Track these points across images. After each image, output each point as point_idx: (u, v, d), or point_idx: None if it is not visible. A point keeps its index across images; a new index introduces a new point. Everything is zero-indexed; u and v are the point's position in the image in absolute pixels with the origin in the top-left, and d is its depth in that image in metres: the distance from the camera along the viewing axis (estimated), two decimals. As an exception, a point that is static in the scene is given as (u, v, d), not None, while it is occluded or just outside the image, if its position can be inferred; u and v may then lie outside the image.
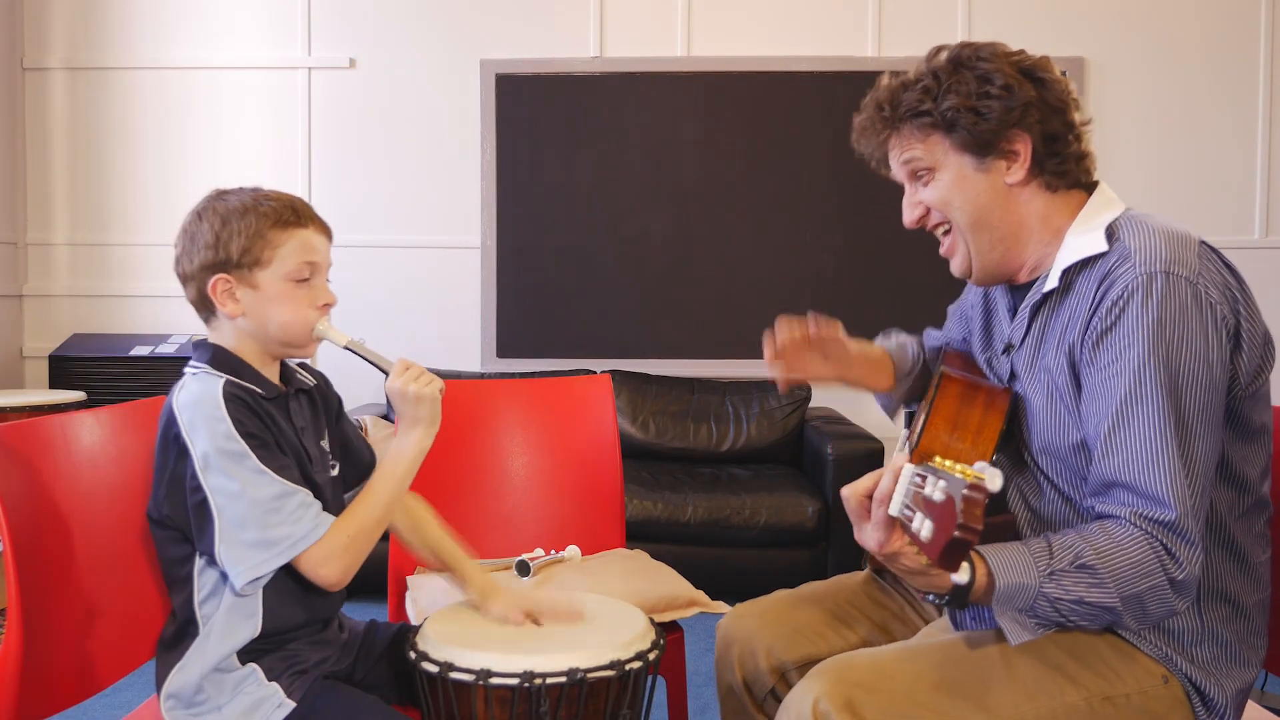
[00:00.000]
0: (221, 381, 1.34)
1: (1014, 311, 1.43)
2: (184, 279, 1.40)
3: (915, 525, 1.04)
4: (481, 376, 4.05)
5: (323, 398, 1.56)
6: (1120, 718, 1.24)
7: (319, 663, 1.45)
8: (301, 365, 1.55)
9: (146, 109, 4.30)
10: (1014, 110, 1.28)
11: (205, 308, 1.41)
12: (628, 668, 1.36)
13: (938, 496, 1.00)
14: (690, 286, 4.26)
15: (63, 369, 3.98)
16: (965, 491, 0.97)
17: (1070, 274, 1.30)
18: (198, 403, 1.32)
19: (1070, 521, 1.31)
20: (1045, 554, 1.18)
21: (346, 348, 1.44)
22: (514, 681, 1.30)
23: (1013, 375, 1.39)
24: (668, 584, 1.96)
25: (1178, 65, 4.18)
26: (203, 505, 1.30)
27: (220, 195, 1.40)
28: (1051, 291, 1.32)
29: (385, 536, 1.98)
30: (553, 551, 2.06)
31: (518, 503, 2.20)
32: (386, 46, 4.27)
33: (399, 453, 1.43)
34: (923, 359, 1.74)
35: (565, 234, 4.25)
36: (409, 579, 2.02)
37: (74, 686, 1.48)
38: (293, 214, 1.40)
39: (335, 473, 1.53)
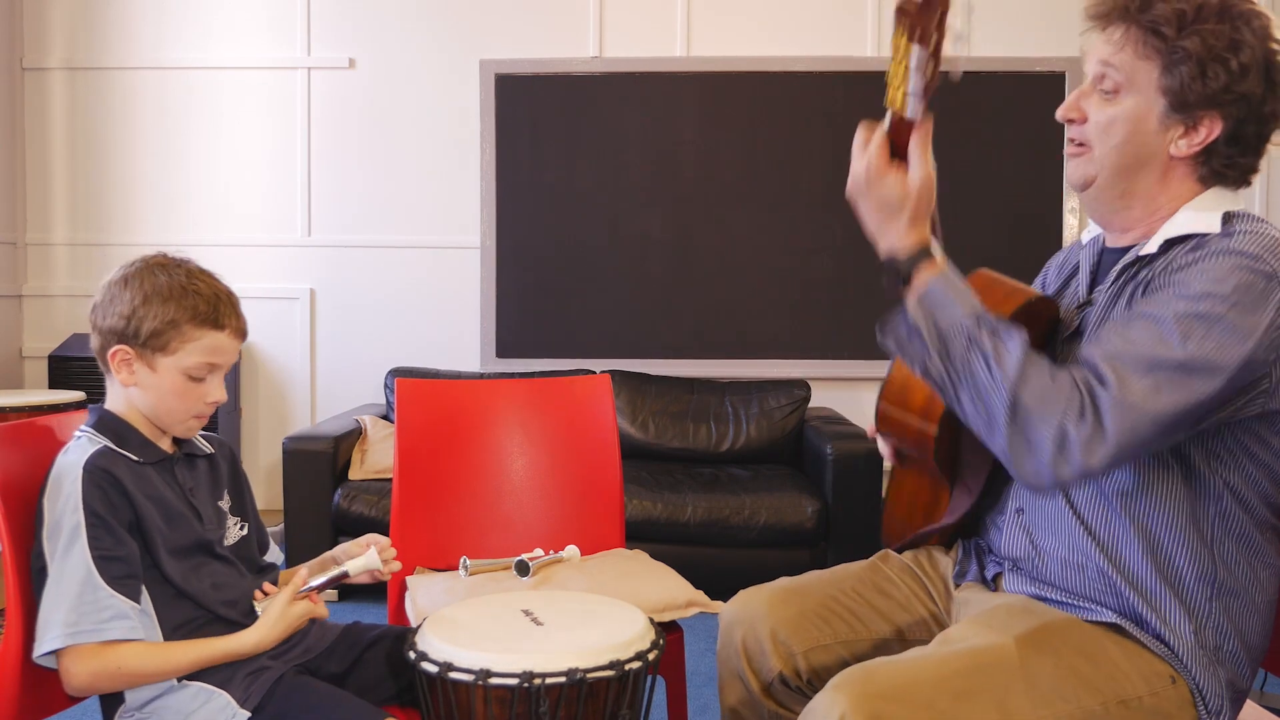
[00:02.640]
0: (92, 451, 1.36)
1: (1093, 272, 1.42)
2: (93, 328, 1.44)
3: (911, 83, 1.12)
4: (481, 376, 4.05)
5: (228, 464, 1.58)
6: None
7: (278, 654, 1.45)
8: (203, 434, 1.57)
9: (146, 109, 4.30)
10: (1231, 92, 1.24)
11: (102, 363, 1.45)
12: (627, 668, 1.36)
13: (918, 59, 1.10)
14: (690, 286, 4.26)
15: (62, 369, 3.98)
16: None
17: (1171, 244, 1.29)
18: (63, 472, 1.36)
19: (1124, 478, 1.30)
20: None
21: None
22: (513, 681, 1.30)
23: (1077, 333, 1.39)
24: (667, 584, 1.96)
25: (1178, 65, 4.17)
26: (42, 572, 1.34)
27: (155, 267, 1.42)
28: (1145, 256, 1.31)
29: (384, 535, 1.97)
30: (552, 551, 2.06)
31: (518, 503, 2.20)
32: (386, 46, 4.27)
33: (240, 642, 1.39)
34: None
35: (565, 234, 4.25)
36: (408, 579, 2.02)
37: (73, 686, 1.48)
38: (213, 313, 1.42)
39: (245, 531, 1.54)
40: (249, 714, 1.35)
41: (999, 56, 4.15)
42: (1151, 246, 1.30)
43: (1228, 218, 1.27)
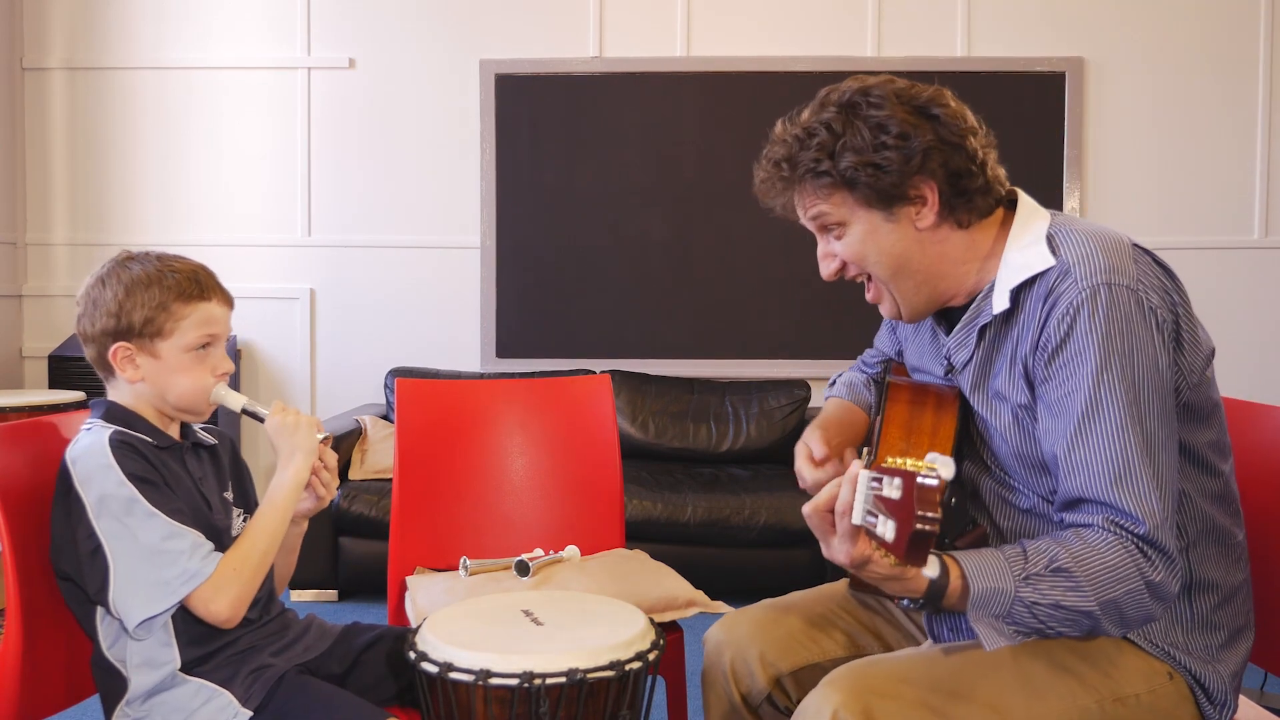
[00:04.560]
0: (109, 431, 1.37)
1: (947, 329, 1.40)
2: (84, 339, 1.44)
3: (880, 529, 1.03)
4: (481, 376, 4.05)
5: (229, 456, 1.59)
6: (1131, 718, 1.24)
7: (279, 651, 1.46)
8: (205, 426, 1.58)
9: (146, 109, 4.30)
10: (913, 158, 1.26)
11: (104, 369, 1.44)
12: (627, 668, 1.36)
13: (895, 494, 1.00)
14: (690, 286, 4.25)
15: (62, 369, 3.98)
16: (920, 481, 0.98)
17: (1018, 292, 1.28)
18: (87, 453, 1.35)
19: (1050, 523, 1.30)
20: (1020, 558, 1.18)
21: (243, 410, 1.50)
22: (513, 682, 1.30)
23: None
24: (667, 584, 1.96)
25: (1178, 65, 4.18)
26: (97, 553, 1.33)
27: (125, 262, 1.44)
28: (1001, 313, 1.30)
29: (384, 535, 1.98)
30: (552, 551, 2.06)
31: (518, 503, 2.20)
32: (386, 46, 4.27)
33: (278, 484, 1.46)
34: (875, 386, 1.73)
35: (565, 234, 4.25)
36: (408, 579, 2.02)
37: (73, 686, 1.48)
38: (196, 287, 1.44)
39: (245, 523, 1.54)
40: (250, 713, 1.35)
41: (999, 56, 4.16)
42: (1002, 302, 1.29)
43: (1051, 242, 1.27)
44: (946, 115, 1.28)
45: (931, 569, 1.09)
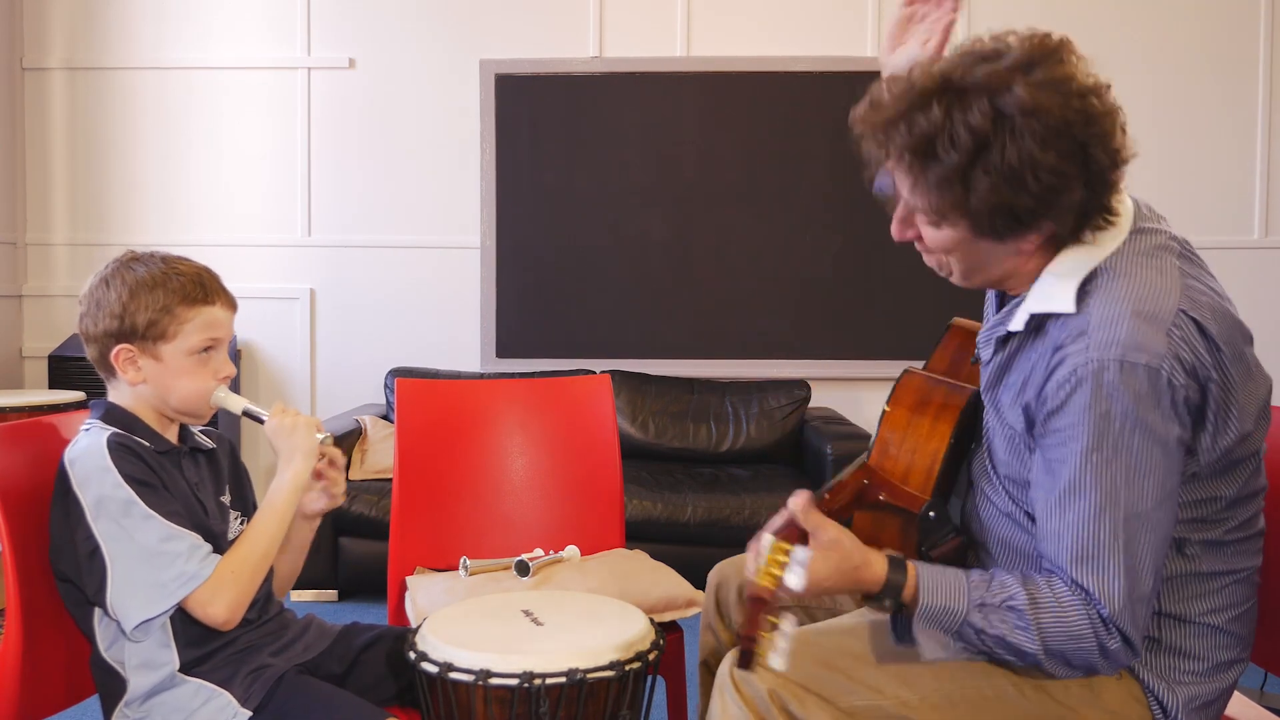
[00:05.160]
0: (108, 434, 1.37)
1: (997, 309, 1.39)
2: (86, 339, 1.44)
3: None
4: (481, 376, 4.05)
5: (228, 460, 1.59)
6: (1053, 707, 1.23)
7: (279, 651, 1.46)
8: (204, 429, 1.57)
9: (146, 109, 4.30)
10: (1051, 211, 1.14)
11: (105, 369, 1.44)
12: (627, 668, 1.36)
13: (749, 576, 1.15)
14: (690, 286, 4.25)
15: (62, 369, 3.98)
16: (752, 594, 1.10)
17: (1038, 320, 1.23)
18: (85, 455, 1.35)
19: (1022, 532, 1.29)
20: (983, 585, 1.18)
21: (243, 413, 1.49)
22: (513, 682, 1.31)
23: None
24: (667, 584, 1.96)
25: (1178, 65, 4.17)
26: (94, 554, 1.33)
27: (130, 263, 1.44)
28: (1015, 331, 1.26)
29: (384, 535, 1.98)
30: (552, 551, 2.06)
31: (518, 503, 2.20)
32: (386, 46, 4.27)
33: (278, 486, 1.46)
34: None
35: (565, 234, 4.25)
36: (408, 579, 2.02)
37: (73, 686, 1.48)
38: (200, 290, 1.43)
39: (245, 527, 1.54)
40: (250, 713, 1.35)
41: (999, 56, 4.15)
42: (1018, 323, 1.24)
43: (1088, 281, 1.19)
44: (1103, 154, 1.14)
45: (777, 659, 1.15)
